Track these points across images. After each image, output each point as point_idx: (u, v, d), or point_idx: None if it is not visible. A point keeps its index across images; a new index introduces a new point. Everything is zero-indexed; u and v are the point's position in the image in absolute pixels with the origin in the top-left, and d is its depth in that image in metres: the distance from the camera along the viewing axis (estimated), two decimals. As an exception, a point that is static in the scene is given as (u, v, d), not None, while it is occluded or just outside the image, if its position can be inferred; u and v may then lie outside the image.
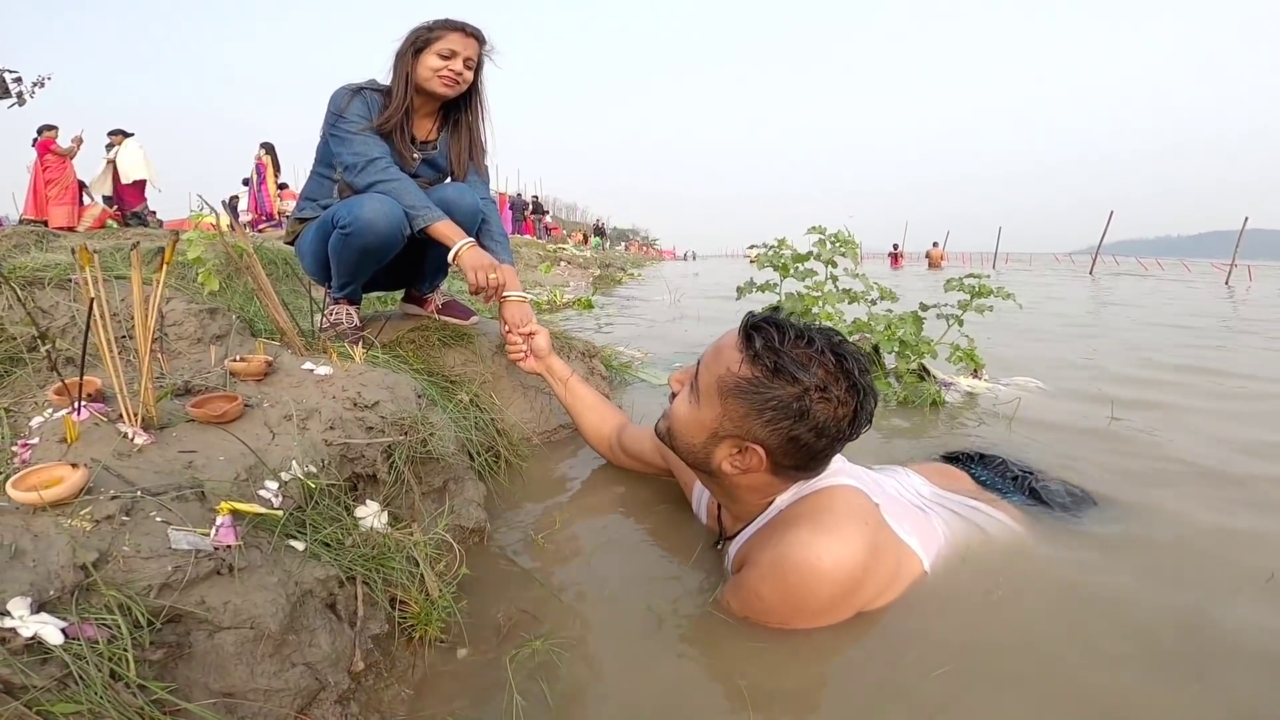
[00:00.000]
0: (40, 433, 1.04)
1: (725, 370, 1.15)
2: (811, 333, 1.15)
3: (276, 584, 0.90)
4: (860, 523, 1.14)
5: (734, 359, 1.15)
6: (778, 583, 1.12)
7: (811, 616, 1.14)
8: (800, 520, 1.15)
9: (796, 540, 1.11)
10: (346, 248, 1.91)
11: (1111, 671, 1.08)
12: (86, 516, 0.85)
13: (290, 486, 1.06)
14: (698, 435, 1.21)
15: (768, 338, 1.13)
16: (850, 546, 1.10)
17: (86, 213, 9.03)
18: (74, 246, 0.95)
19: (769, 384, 1.11)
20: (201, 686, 0.81)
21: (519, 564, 1.43)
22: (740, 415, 1.14)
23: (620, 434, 1.84)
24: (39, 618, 0.73)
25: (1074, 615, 1.22)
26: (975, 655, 1.11)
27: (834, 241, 3.14)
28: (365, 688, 1.00)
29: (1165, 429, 2.35)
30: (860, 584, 1.12)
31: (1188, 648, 1.13)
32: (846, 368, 1.13)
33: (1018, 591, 1.27)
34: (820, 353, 1.13)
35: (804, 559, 1.09)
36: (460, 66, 2.03)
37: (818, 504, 1.18)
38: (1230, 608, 1.24)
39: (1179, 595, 1.28)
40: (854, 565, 1.10)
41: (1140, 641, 1.15)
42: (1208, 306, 8.01)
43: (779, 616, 1.14)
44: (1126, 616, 1.21)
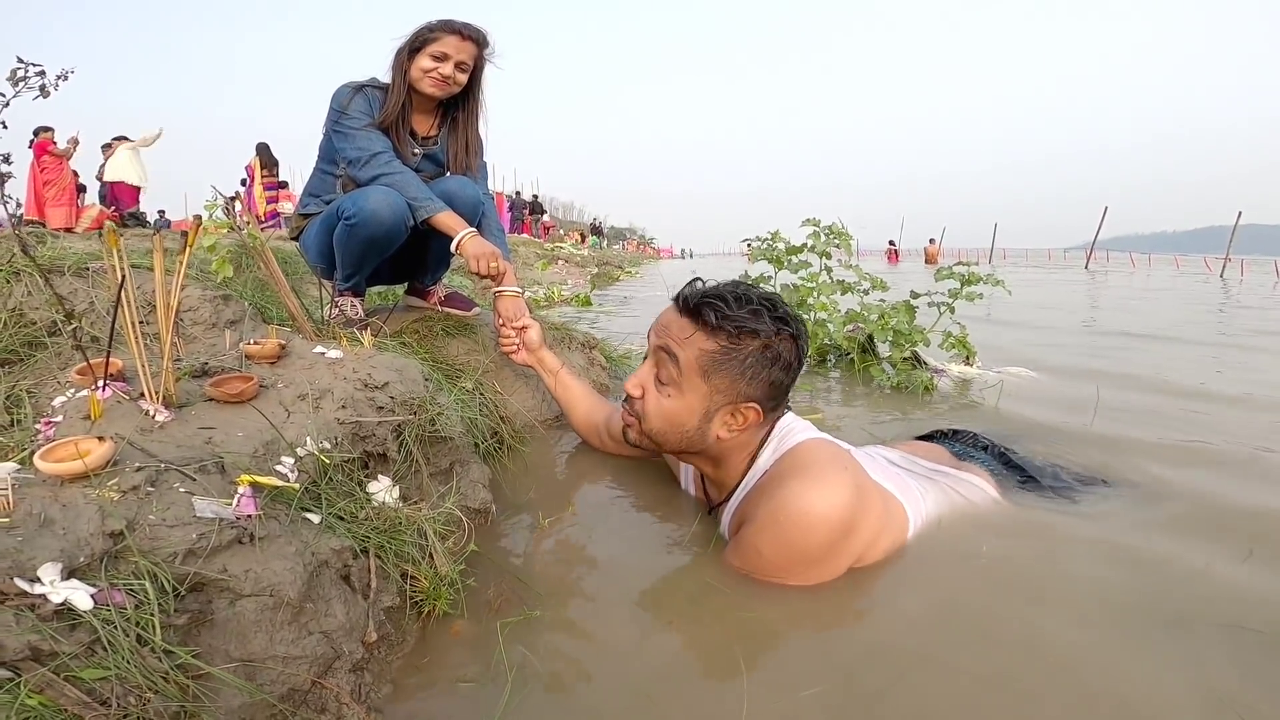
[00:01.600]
0: (63, 411, 1.08)
1: (697, 351, 1.23)
2: (741, 291, 1.26)
3: (294, 554, 0.93)
4: (841, 468, 1.22)
5: (699, 340, 1.23)
6: (776, 534, 1.19)
7: (810, 564, 1.20)
8: (789, 474, 1.23)
9: (789, 492, 1.19)
10: (352, 238, 1.94)
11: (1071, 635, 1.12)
12: (113, 487, 0.88)
13: (305, 462, 1.09)
14: (689, 420, 1.28)
15: (716, 308, 1.22)
16: (839, 491, 1.18)
17: (84, 214, 9.05)
18: (102, 230, 0.98)
19: (739, 346, 1.21)
20: (222, 653, 0.84)
21: (522, 542, 1.47)
22: (728, 383, 1.23)
23: (609, 423, 1.90)
24: (69, 584, 0.75)
25: (1046, 569, 1.28)
26: (945, 619, 1.16)
27: (828, 234, 3.18)
28: (377, 658, 1.03)
29: (1150, 413, 2.40)
30: (853, 527, 1.19)
31: (1157, 608, 1.18)
32: (777, 305, 1.26)
33: (994, 548, 1.32)
34: (755, 302, 1.23)
35: (798, 508, 1.17)
36: (450, 69, 2.06)
37: (800, 458, 1.25)
38: (1204, 577, 1.28)
39: (1151, 555, 1.34)
40: (845, 507, 1.18)
41: (1108, 596, 1.21)
42: (1201, 299, 8.07)
43: (779, 568, 1.21)
44: (1095, 572, 1.27)
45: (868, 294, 3.26)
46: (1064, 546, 1.36)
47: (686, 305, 1.25)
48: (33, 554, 0.77)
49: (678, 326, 1.26)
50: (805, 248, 3.22)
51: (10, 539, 0.78)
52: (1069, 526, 1.43)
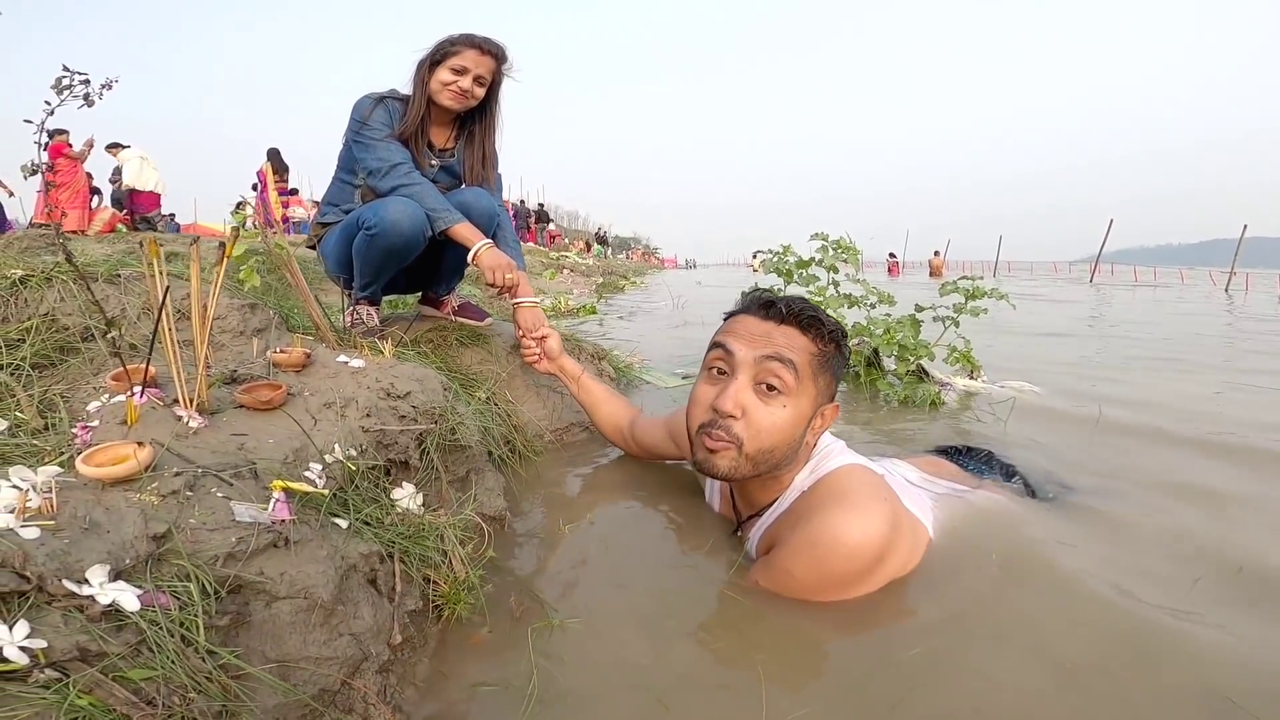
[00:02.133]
0: (99, 415, 1.11)
1: (809, 355, 1.26)
2: (789, 295, 1.33)
3: (326, 557, 0.96)
4: (881, 499, 1.24)
5: (807, 344, 1.27)
6: (811, 558, 1.20)
7: (841, 589, 1.22)
8: (827, 501, 1.24)
9: (827, 519, 1.20)
10: (371, 248, 1.98)
11: (1080, 642, 1.15)
12: (154, 491, 0.91)
13: (333, 468, 1.13)
14: (799, 428, 1.26)
15: (815, 314, 1.28)
16: (876, 523, 1.20)
17: (97, 216, 9.13)
18: (142, 239, 1.02)
19: (834, 349, 1.29)
20: (259, 653, 0.87)
21: (536, 550, 1.49)
22: (825, 384, 1.29)
23: (633, 425, 1.94)
24: (116, 585, 0.78)
25: (1056, 584, 1.30)
26: (961, 626, 1.19)
27: (836, 248, 3.22)
28: (401, 660, 1.06)
29: (1154, 431, 2.42)
30: (885, 557, 1.22)
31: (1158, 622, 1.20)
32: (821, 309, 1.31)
33: (1006, 562, 1.35)
34: (807, 302, 1.30)
35: (834, 535, 1.18)
36: (469, 83, 2.11)
37: (838, 484, 1.27)
38: (1199, 593, 1.31)
39: (1151, 572, 1.37)
40: (881, 540, 1.19)
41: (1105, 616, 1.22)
42: (1205, 315, 8.09)
43: (809, 590, 1.22)
44: (1105, 590, 1.28)
45: (874, 308, 3.29)
46: (1071, 560, 1.38)
47: (786, 312, 1.27)
48: (80, 556, 0.79)
49: (782, 334, 1.25)
50: (814, 262, 3.25)
51: (57, 541, 0.81)
52: (1077, 541, 1.46)
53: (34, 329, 1.40)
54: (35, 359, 1.35)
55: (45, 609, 0.74)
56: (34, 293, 1.46)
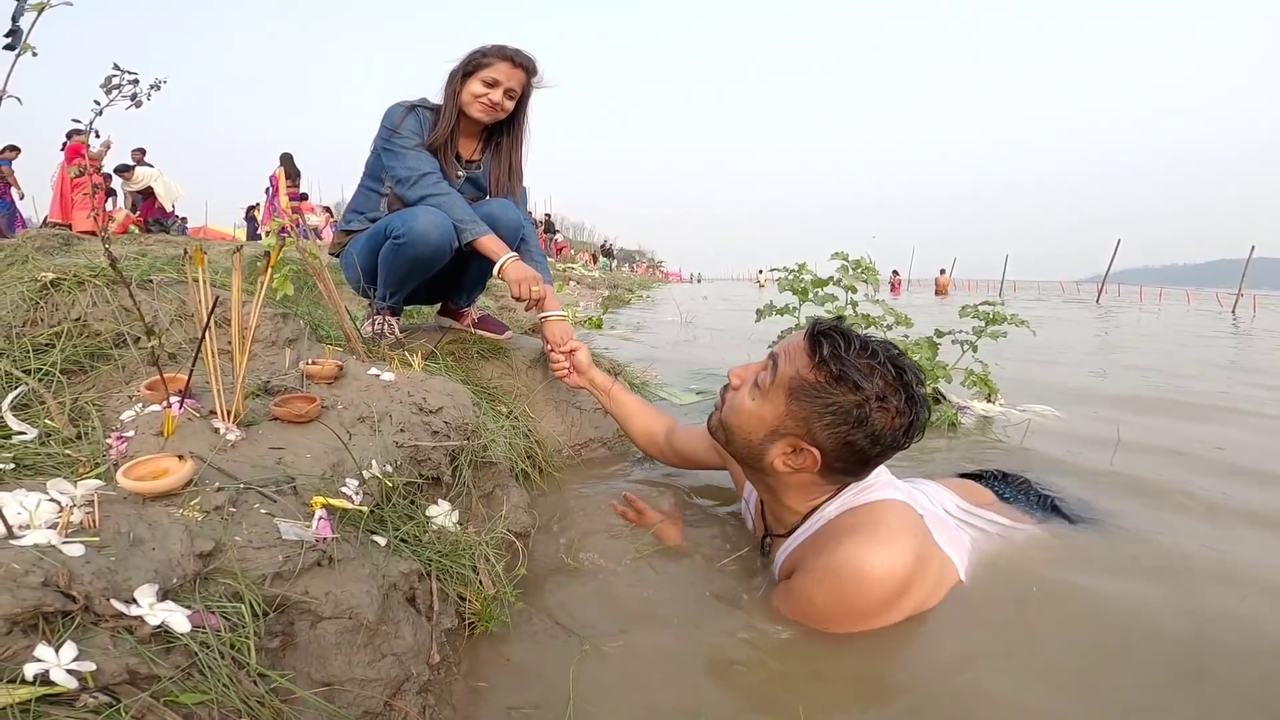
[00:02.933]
0: (135, 426, 1.09)
1: (795, 372, 1.21)
2: (874, 344, 1.21)
3: (368, 576, 0.95)
4: (910, 535, 1.20)
5: (803, 362, 1.21)
6: (831, 588, 1.17)
7: (860, 620, 1.19)
8: (854, 530, 1.21)
9: (852, 549, 1.17)
10: (399, 257, 1.97)
11: (1127, 675, 1.12)
12: (196, 507, 0.89)
13: (370, 484, 1.11)
14: (757, 431, 1.27)
15: (834, 345, 1.19)
16: (901, 557, 1.16)
17: (111, 217, 9.16)
18: (187, 247, 1.00)
19: (833, 389, 1.17)
20: (305, 675, 0.85)
21: (559, 568, 1.47)
22: (803, 416, 1.20)
23: (670, 435, 1.89)
24: (165, 606, 0.75)
25: (1094, 621, 1.27)
26: (1001, 660, 1.16)
27: (856, 267, 3.20)
28: (438, 680, 1.04)
29: (1174, 455, 2.41)
30: (907, 591, 1.18)
31: (1200, 658, 1.17)
32: (905, 380, 1.19)
33: (1044, 599, 1.31)
34: (882, 364, 1.18)
35: (858, 567, 1.15)
36: (499, 96, 2.10)
37: (870, 516, 1.23)
38: (1237, 623, 1.28)
39: (1189, 606, 1.32)
40: (904, 574, 1.16)
41: (1154, 648, 1.19)
42: (1212, 337, 8.06)
43: (829, 619, 1.20)
44: (1143, 625, 1.26)
45: (890, 329, 3.27)
46: (1109, 593, 1.36)
47: (811, 330, 1.23)
48: (127, 575, 0.77)
49: (796, 344, 1.25)
50: (831, 281, 3.24)
51: (102, 559, 0.78)
52: (1114, 573, 1.43)
53: (64, 333, 1.38)
54: (65, 365, 1.34)
55: (92, 630, 0.72)
56: (65, 296, 1.44)
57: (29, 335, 1.38)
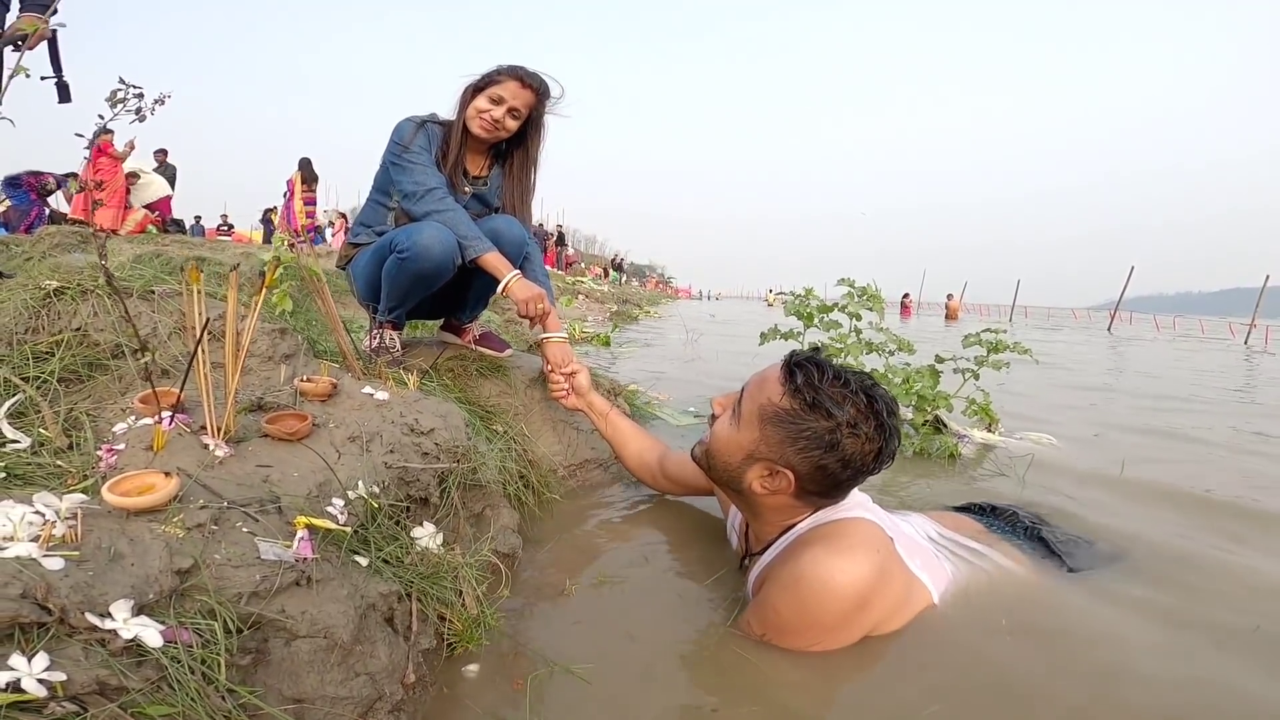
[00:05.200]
0: (125, 439, 1.11)
1: (767, 400, 1.27)
2: (847, 374, 1.27)
3: (346, 596, 0.96)
4: (872, 549, 1.23)
5: (776, 390, 1.27)
6: (793, 596, 1.21)
7: (822, 631, 1.21)
8: (816, 542, 1.25)
9: (812, 558, 1.21)
10: (402, 272, 1.99)
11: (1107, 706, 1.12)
12: (179, 524, 0.91)
13: (355, 505, 1.12)
14: (734, 455, 1.32)
15: (808, 374, 1.25)
16: (860, 567, 1.20)
17: (130, 216, 9.28)
18: (183, 263, 1.02)
19: (806, 416, 1.23)
20: (275, 692, 0.86)
21: (546, 590, 1.47)
22: (776, 441, 1.26)
23: (663, 461, 1.94)
24: (139, 620, 0.77)
25: (1069, 652, 1.28)
26: (977, 689, 1.17)
27: (862, 294, 3.21)
28: (412, 699, 1.05)
29: (1177, 485, 2.40)
30: (868, 602, 1.21)
31: (1183, 695, 1.17)
32: (876, 408, 1.24)
33: (1019, 629, 1.32)
34: (854, 393, 1.24)
35: (817, 575, 1.19)
36: (501, 114, 2.12)
37: (834, 530, 1.28)
38: (1225, 655, 1.29)
39: (1175, 640, 1.33)
40: (863, 584, 1.19)
41: (1129, 685, 1.19)
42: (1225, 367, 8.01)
43: (793, 631, 1.22)
44: (1120, 659, 1.26)
45: (892, 355, 3.27)
46: (1084, 628, 1.36)
47: (787, 360, 1.30)
48: (104, 589, 0.79)
49: (771, 374, 1.31)
50: (837, 307, 3.24)
51: (81, 573, 0.80)
52: (1092, 609, 1.43)
53: (64, 342, 1.40)
54: (63, 374, 1.36)
55: (66, 641, 0.73)
56: (67, 305, 1.46)
57: (30, 342, 1.40)
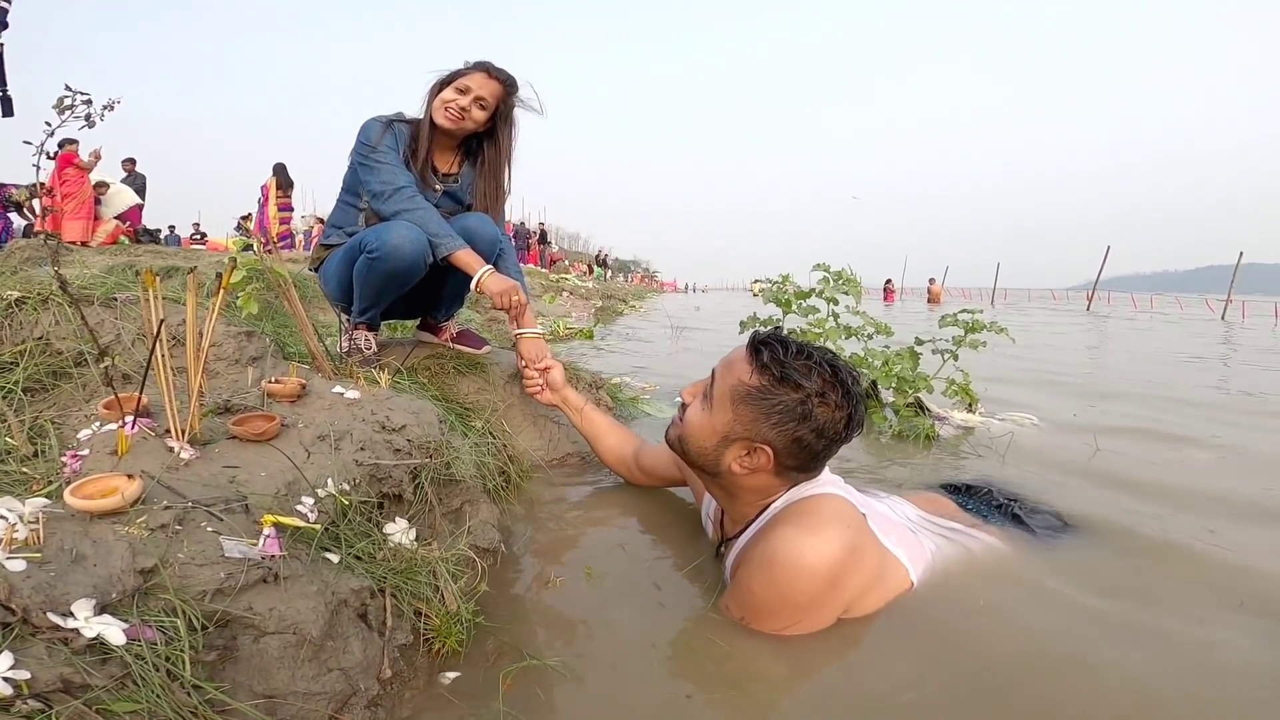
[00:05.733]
0: (90, 444, 1.10)
1: (737, 380, 1.29)
2: (809, 348, 1.30)
3: (316, 593, 0.96)
4: (842, 525, 1.24)
5: (744, 370, 1.29)
6: (765, 575, 1.22)
7: (797, 611, 1.22)
8: (787, 520, 1.27)
9: (782, 537, 1.22)
10: (372, 272, 1.98)
11: (1083, 686, 1.13)
12: (142, 525, 0.90)
13: (325, 502, 1.12)
14: (710, 439, 1.33)
15: (773, 350, 1.28)
16: (830, 544, 1.21)
17: (100, 227, 9.17)
18: (140, 259, 1.02)
19: (776, 390, 1.26)
20: (246, 689, 0.86)
21: (527, 584, 1.47)
22: (750, 419, 1.28)
23: (637, 454, 1.96)
24: (102, 619, 0.78)
25: (1049, 629, 1.29)
26: (957, 666, 1.18)
27: (837, 279, 3.22)
28: (390, 695, 1.04)
29: (1153, 462, 2.42)
30: (839, 580, 1.22)
31: (1161, 667, 1.18)
32: (841, 377, 1.28)
33: (998, 607, 1.34)
34: (818, 364, 1.28)
35: (788, 553, 1.20)
36: (467, 103, 2.11)
37: (804, 508, 1.29)
38: (1203, 627, 1.30)
39: (1149, 617, 1.34)
40: (833, 560, 1.20)
41: (1110, 657, 1.20)
42: (1203, 340, 8.10)
43: (768, 611, 1.23)
44: (1098, 631, 1.28)
45: (871, 339, 3.29)
46: (1058, 603, 1.37)
47: (751, 340, 1.32)
48: (66, 589, 0.79)
49: (737, 355, 1.33)
50: (814, 293, 3.26)
51: (43, 574, 0.80)
52: (1065, 584, 1.44)
53: (27, 352, 1.39)
54: (27, 383, 1.35)
55: (30, 640, 0.74)
56: (29, 315, 1.45)
57: (-7, 353, 1.39)
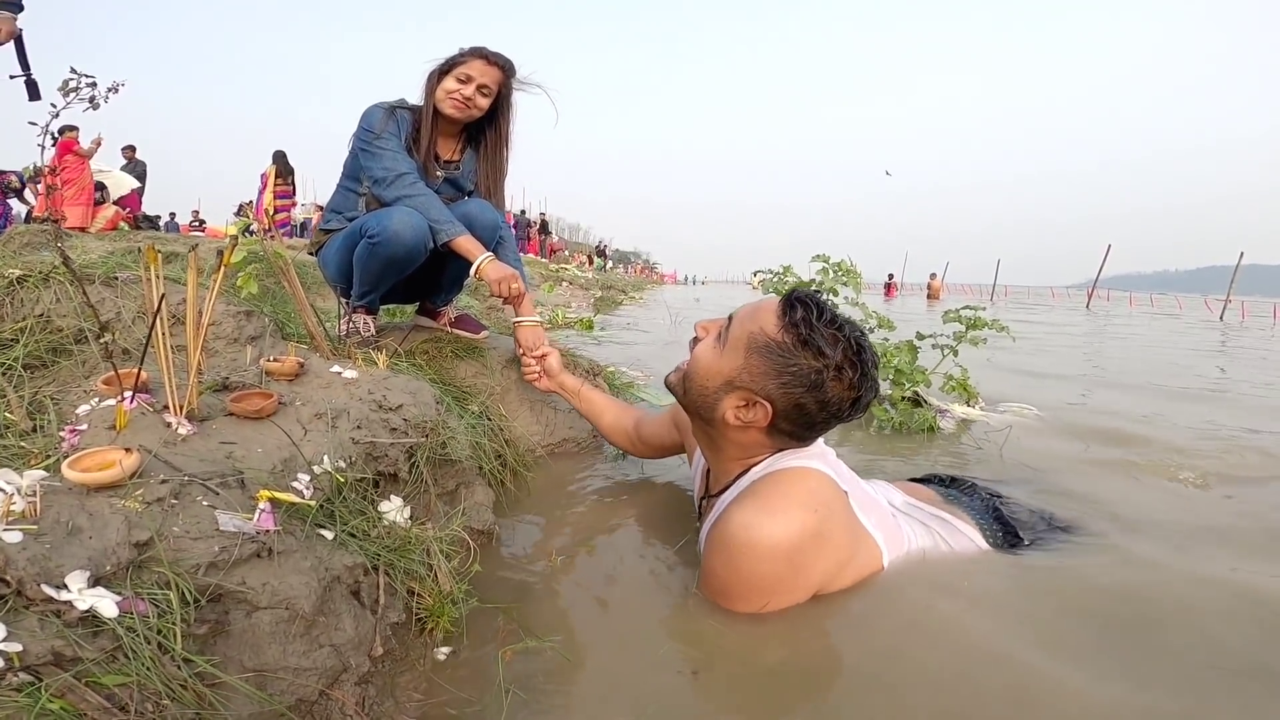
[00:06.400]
0: (88, 420, 1.11)
1: (759, 328, 1.25)
2: (842, 320, 1.26)
3: (309, 569, 0.96)
4: (808, 510, 1.21)
5: (771, 321, 1.25)
6: (725, 556, 1.22)
7: (759, 593, 1.21)
8: (752, 497, 1.25)
9: (740, 517, 1.21)
10: (373, 257, 1.99)
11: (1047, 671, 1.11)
12: (138, 498, 0.91)
13: (321, 479, 1.13)
14: (713, 380, 1.31)
15: (807, 310, 1.24)
16: (788, 529, 1.19)
17: (100, 213, 9.17)
18: (140, 245, 1.02)
19: (797, 352, 1.22)
20: (237, 662, 0.87)
21: (522, 566, 1.49)
22: (760, 372, 1.25)
23: (637, 425, 1.97)
24: (95, 591, 0.78)
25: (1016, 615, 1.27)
26: (925, 645, 1.18)
27: (837, 270, 3.23)
28: (382, 672, 1.06)
29: (1149, 460, 2.42)
30: (798, 564, 1.21)
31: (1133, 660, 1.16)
32: (864, 358, 1.25)
33: (969, 592, 1.32)
34: (846, 338, 1.24)
35: (744, 537, 1.19)
36: (472, 91, 2.12)
37: (776, 483, 1.26)
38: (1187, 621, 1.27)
39: (1128, 613, 1.31)
40: (788, 545, 1.19)
41: (1081, 651, 1.18)
42: (1202, 341, 8.11)
43: (733, 594, 1.23)
44: (1067, 626, 1.25)
45: (871, 332, 3.30)
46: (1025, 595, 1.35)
47: (787, 295, 1.28)
48: (60, 561, 0.79)
49: (766, 304, 1.29)
50: (814, 284, 3.26)
51: (38, 546, 0.80)
52: (1038, 578, 1.42)
53: (28, 329, 1.40)
54: (28, 360, 1.35)
55: (23, 613, 0.74)
56: (30, 292, 1.46)
57: (-7, 330, 1.40)
